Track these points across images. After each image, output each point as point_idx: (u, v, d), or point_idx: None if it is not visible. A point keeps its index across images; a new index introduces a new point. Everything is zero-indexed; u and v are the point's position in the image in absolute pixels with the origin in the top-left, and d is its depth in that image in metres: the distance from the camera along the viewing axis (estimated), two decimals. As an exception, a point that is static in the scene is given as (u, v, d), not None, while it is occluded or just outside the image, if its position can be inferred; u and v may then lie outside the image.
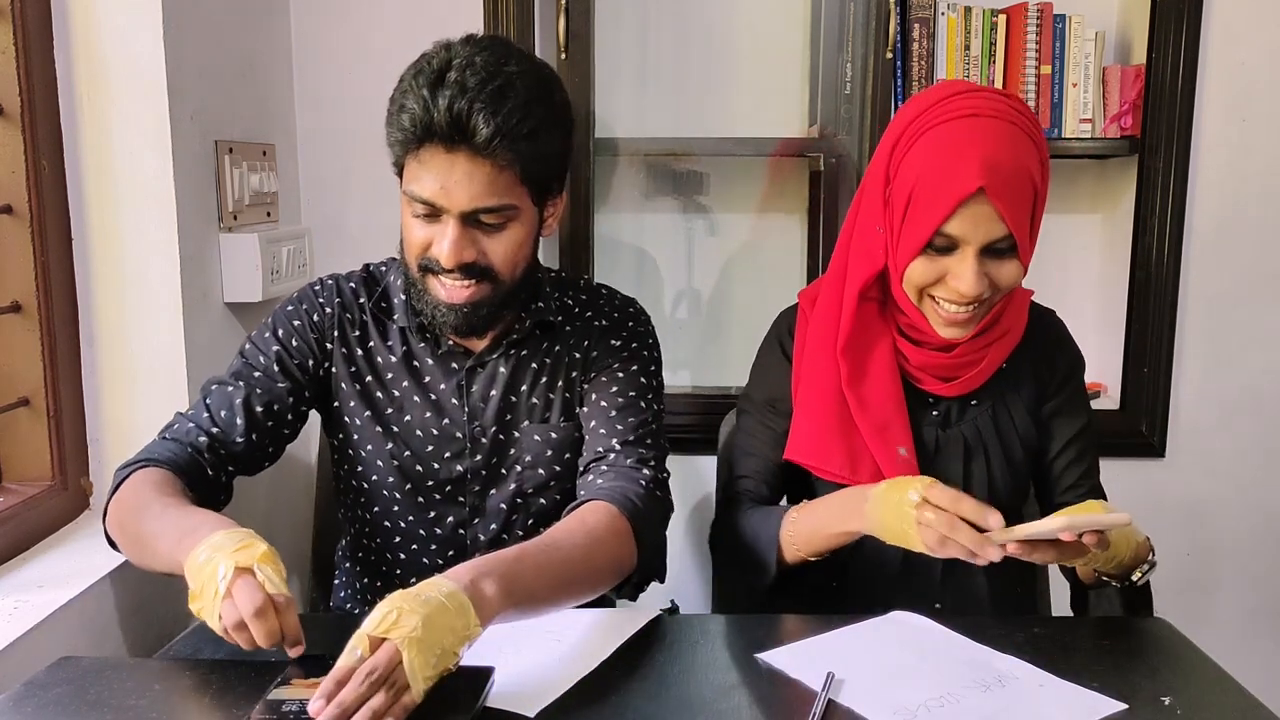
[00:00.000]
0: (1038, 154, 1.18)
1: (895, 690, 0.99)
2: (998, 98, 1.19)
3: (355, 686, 0.84)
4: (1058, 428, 1.34)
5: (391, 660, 0.85)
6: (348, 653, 0.86)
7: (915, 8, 1.87)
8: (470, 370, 1.28)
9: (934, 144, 1.17)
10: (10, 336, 1.38)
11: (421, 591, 0.90)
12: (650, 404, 1.29)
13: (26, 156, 1.34)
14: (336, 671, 0.85)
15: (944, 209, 1.14)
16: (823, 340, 1.30)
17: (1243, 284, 1.99)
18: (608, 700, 0.96)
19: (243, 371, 1.25)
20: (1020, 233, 1.16)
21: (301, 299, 1.29)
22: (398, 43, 1.88)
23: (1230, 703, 0.98)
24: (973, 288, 1.16)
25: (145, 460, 1.16)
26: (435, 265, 1.16)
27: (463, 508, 1.29)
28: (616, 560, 1.14)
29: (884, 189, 1.23)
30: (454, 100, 1.07)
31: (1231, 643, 2.05)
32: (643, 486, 1.20)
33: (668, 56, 2.08)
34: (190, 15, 1.49)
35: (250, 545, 0.95)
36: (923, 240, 1.17)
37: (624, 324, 1.32)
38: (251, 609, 0.90)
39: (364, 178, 1.93)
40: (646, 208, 2.13)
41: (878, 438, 1.27)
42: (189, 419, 1.22)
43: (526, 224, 1.18)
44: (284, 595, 0.93)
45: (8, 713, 0.92)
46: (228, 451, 1.21)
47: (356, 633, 0.87)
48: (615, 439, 1.25)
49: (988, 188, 1.12)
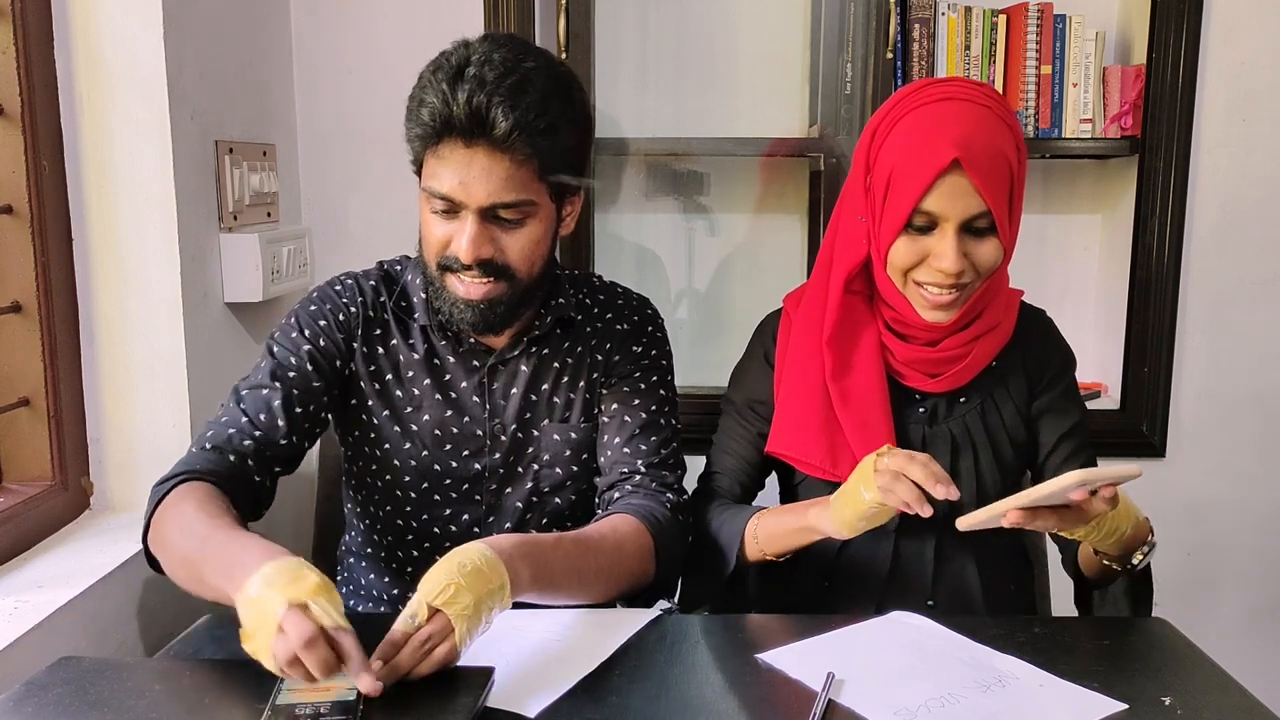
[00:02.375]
0: (1013, 138, 1.20)
1: (896, 690, 0.99)
2: (971, 85, 1.22)
3: (412, 652, 0.91)
4: (1050, 424, 1.34)
5: (444, 631, 0.92)
6: (406, 619, 0.92)
7: (915, 8, 1.88)
8: (492, 368, 1.28)
9: (909, 126, 1.19)
10: (10, 336, 1.38)
11: (468, 561, 0.95)
12: (669, 419, 1.31)
13: (26, 156, 1.34)
14: (393, 634, 0.91)
15: (921, 184, 1.16)
16: (808, 333, 1.32)
17: (1243, 284, 1.99)
18: (608, 700, 0.96)
19: (277, 372, 1.22)
20: (999, 210, 1.18)
21: (324, 298, 1.28)
22: (398, 43, 1.89)
23: (1230, 703, 0.98)
24: (953, 264, 1.17)
25: (185, 473, 1.12)
26: (455, 263, 1.16)
27: (479, 506, 1.30)
28: (635, 573, 1.18)
29: (864, 178, 1.25)
30: (473, 94, 1.08)
31: (1231, 643, 2.05)
32: (667, 509, 1.24)
33: (668, 56, 2.08)
34: (190, 15, 1.49)
35: (302, 578, 0.91)
36: (902, 219, 1.18)
37: (644, 328, 1.33)
38: (300, 641, 0.86)
39: (364, 178, 1.94)
40: (647, 208, 2.13)
41: (859, 432, 1.27)
42: (228, 425, 1.18)
43: (544, 221, 1.18)
44: (341, 627, 0.89)
45: (8, 713, 0.92)
46: (272, 453, 1.20)
47: (416, 599, 0.93)
48: (640, 460, 1.27)
49: (962, 159, 1.14)
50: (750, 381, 1.38)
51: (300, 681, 0.90)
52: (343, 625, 0.89)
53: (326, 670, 0.86)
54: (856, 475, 1.15)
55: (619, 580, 1.16)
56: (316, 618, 0.87)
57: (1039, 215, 2.09)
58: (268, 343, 1.26)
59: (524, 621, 1.09)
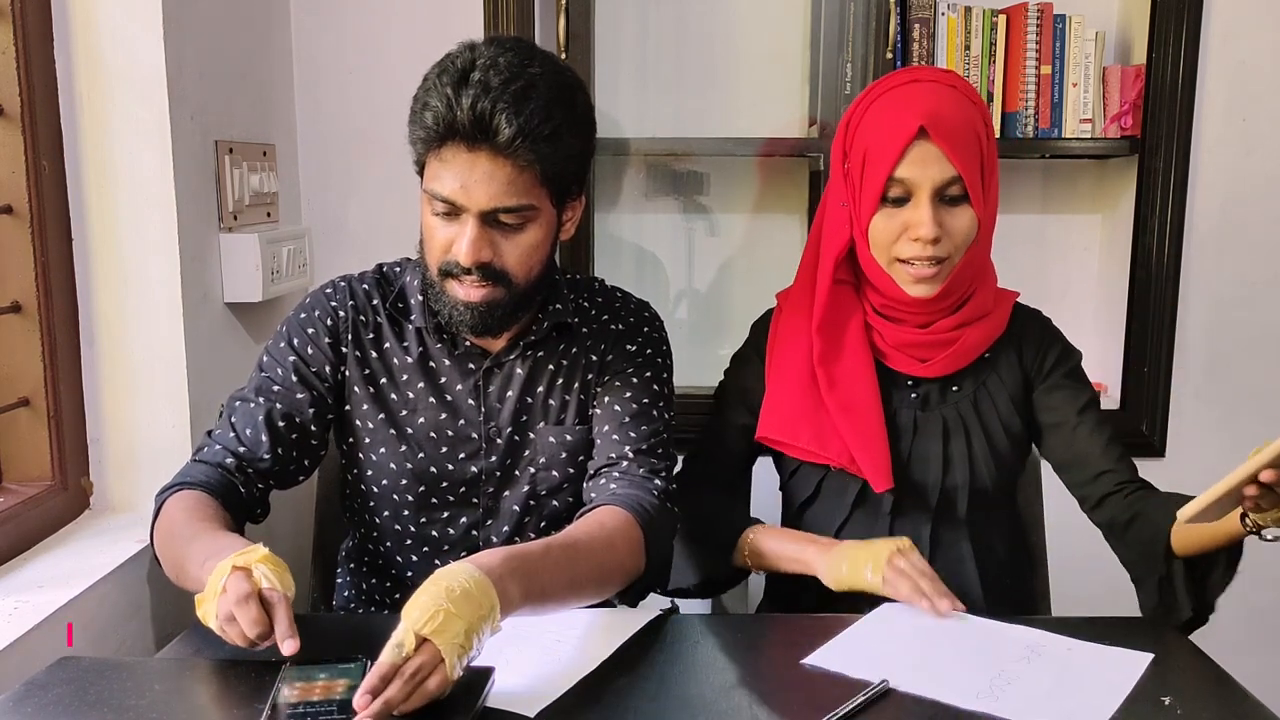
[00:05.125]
0: (979, 114, 1.26)
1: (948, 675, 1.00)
2: (937, 70, 1.30)
3: (402, 686, 0.87)
4: (1063, 401, 1.34)
5: (434, 660, 0.88)
6: (393, 649, 0.88)
7: (915, 8, 1.87)
8: (488, 371, 1.28)
9: (879, 108, 1.26)
10: (10, 336, 1.38)
11: (456, 584, 0.91)
12: (662, 412, 1.31)
13: (26, 156, 1.34)
14: (380, 668, 0.87)
15: (892, 155, 1.21)
16: (796, 322, 1.35)
17: (1243, 284, 1.99)
18: (608, 700, 0.96)
19: (263, 386, 1.25)
20: (970, 176, 1.22)
21: (314, 304, 1.28)
22: (398, 43, 1.89)
23: (1230, 703, 0.98)
24: (929, 230, 1.21)
25: (180, 484, 1.18)
26: (455, 268, 1.17)
27: (476, 509, 1.29)
28: (626, 567, 1.17)
29: (842, 165, 1.30)
30: (478, 99, 1.08)
31: (1231, 643, 2.05)
32: (655, 497, 1.23)
33: (668, 56, 2.08)
34: (190, 15, 1.49)
35: (253, 550, 0.98)
36: (877, 191, 1.23)
37: (639, 329, 1.33)
38: (234, 597, 0.93)
39: (364, 178, 1.94)
40: (647, 208, 2.13)
41: (846, 415, 1.29)
42: (216, 440, 1.23)
43: (545, 225, 1.18)
44: (277, 591, 0.95)
45: (8, 713, 0.92)
46: (256, 470, 1.22)
47: (402, 628, 0.89)
48: (628, 446, 1.26)
49: (928, 127, 1.20)
50: (743, 372, 1.42)
51: (297, 682, 0.91)
52: (278, 589, 0.95)
53: (256, 629, 0.92)
54: (868, 554, 1.19)
55: (611, 579, 1.15)
56: (255, 580, 0.94)
57: (1039, 215, 2.09)
58: (261, 352, 1.28)
59: (524, 621, 1.08)
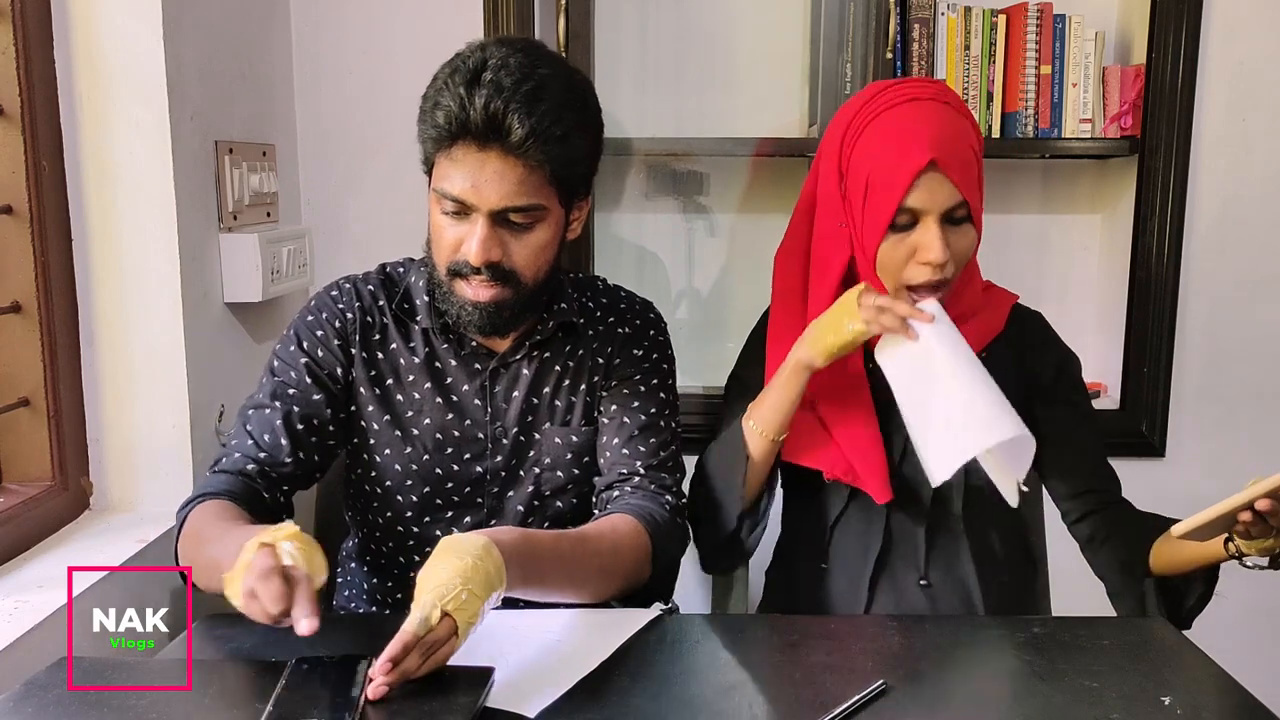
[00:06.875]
0: (973, 130, 1.27)
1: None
2: (929, 84, 1.28)
3: (419, 657, 0.90)
4: (1063, 416, 1.34)
5: (449, 634, 0.92)
6: (420, 622, 0.91)
7: (915, 8, 1.87)
8: (494, 371, 1.28)
9: (882, 129, 1.23)
10: (10, 336, 1.38)
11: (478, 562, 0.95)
12: (669, 422, 1.32)
13: (26, 156, 1.34)
14: (404, 636, 0.90)
15: (902, 186, 1.20)
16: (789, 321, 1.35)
17: (1243, 284, 1.99)
18: (608, 700, 0.96)
19: (278, 390, 1.24)
20: (973, 199, 1.23)
21: (320, 306, 1.28)
22: (398, 43, 1.89)
23: (1230, 703, 0.98)
24: (940, 254, 1.21)
25: (202, 495, 1.17)
26: (464, 268, 1.17)
27: (480, 509, 1.30)
28: (631, 574, 1.19)
29: (839, 185, 1.28)
30: (490, 100, 1.08)
31: (1231, 643, 2.05)
32: (667, 510, 1.25)
33: (668, 56, 2.08)
34: (190, 15, 1.49)
35: (282, 528, 0.97)
36: (886, 219, 1.22)
37: (645, 332, 1.34)
38: (257, 573, 0.91)
39: (364, 178, 1.93)
40: (647, 208, 2.13)
41: (841, 426, 1.30)
42: (234, 449, 1.22)
43: (553, 225, 1.19)
44: (300, 569, 0.93)
45: (8, 713, 0.92)
46: (279, 474, 1.22)
47: (428, 601, 0.91)
48: (639, 461, 1.28)
49: (938, 159, 1.20)
50: (754, 358, 1.42)
51: (299, 682, 0.91)
52: (302, 568, 0.93)
53: (278, 604, 0.89)
54: (839, 308, 1.22)
55: (615, 580, 1.16)
56: (278, 556, 0.93)
57: (1039, 215, 2.09)
58: (270, 358, 1.27)
59: (524, 621, 1.09)
